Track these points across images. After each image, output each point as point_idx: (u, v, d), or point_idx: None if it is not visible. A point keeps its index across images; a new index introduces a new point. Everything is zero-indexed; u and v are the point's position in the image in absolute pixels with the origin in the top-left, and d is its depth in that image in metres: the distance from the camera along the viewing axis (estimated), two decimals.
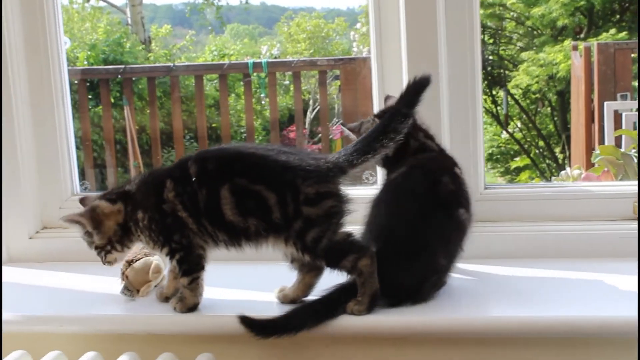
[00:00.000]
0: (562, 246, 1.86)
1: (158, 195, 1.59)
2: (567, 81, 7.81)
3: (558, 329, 1.52)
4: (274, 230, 1.55)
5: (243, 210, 1.55)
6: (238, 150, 1.65)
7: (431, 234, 1.59)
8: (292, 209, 1.53)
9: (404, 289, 1.58)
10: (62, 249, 2.03)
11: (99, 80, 6.02)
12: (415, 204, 1.60)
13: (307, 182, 1.53)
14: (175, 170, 1.62)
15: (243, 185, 1.55)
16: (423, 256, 1.58)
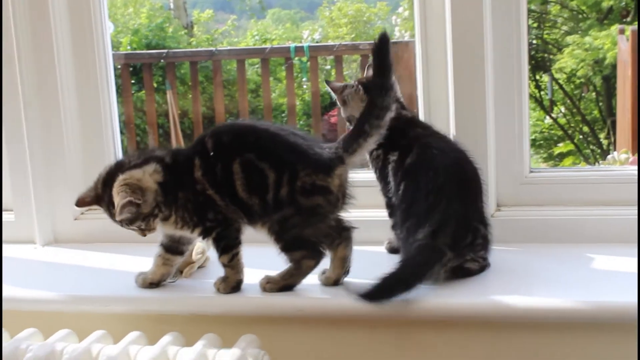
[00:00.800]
0: (609, 231, 1.83)
1: (190, 174, 1.60)
2: (613, 66, 7.69)
3: (606, 314, 1.50)
4: (265, 212, 1.58)
5: (249, 186, 1.57)
6: (252, 125, 1.66)
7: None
8: (286, 192, 1.55)
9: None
10: (106, 230, 2.04)
11: (142, 65, 6.08)
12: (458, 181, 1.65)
13: (307, 170, 1.55)
14: (197, 146, 1.63)
15: (251, 160, 1.57)
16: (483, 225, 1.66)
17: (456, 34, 1.84)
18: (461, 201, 1.63)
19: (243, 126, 1.68)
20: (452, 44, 1.85)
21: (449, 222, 1.60)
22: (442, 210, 1.60)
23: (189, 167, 1.60)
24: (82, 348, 1.52)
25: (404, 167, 1.68)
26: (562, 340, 1.55)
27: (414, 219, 1.62)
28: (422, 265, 1.54)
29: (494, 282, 1.63)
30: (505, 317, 1.55)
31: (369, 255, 1.80)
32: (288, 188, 1.55)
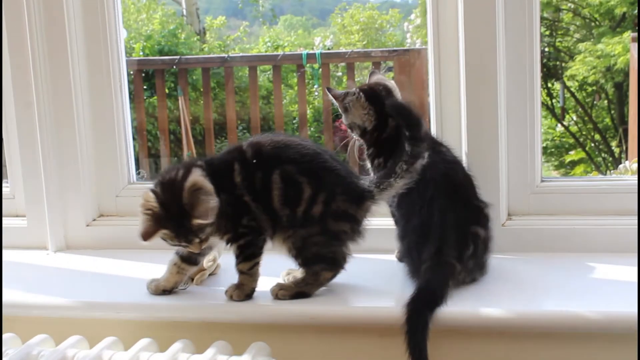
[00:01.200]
0: (621, 241, 1.82)
1: (231, 179, 1.61)
2: (625, 73, 7.67)
3: (616, 324, 1.49)
4: (292, 225, 1.60)
5: (285, 198, 1.59)
6: (290, 139, 1.67)
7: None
8: (319, 211, 1.58)
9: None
10: (118, 237, 2.06)
11: (154, 71, 6.09)
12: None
13: (343, 196, 1.60)
14: (235, 152, 1.65)
15: (291, 172, 1.59)
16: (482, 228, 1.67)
17: (469, 42, 1.84)
18: (454, 211, 1.64)
19: (285, 139, 1.68)
20: (465, 52, 1.85)
21: (449, 235, 1.61)
22: (439, 224, 1.61)
23: (229, 171, 1.62)
24: (94, 354, 1.53)
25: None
26: (573, 350, 1.55)
27: (412, 235, 1.65)
28: (440, 288, 1.55)
29: (504, 291, 1.63)
30: (516, 327, 1.54)
31: (376, 263, 1.84)
32: (322, 208, 1.59)
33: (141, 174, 2.29)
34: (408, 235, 1.67)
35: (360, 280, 1.73)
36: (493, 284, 1.65)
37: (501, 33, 1.83)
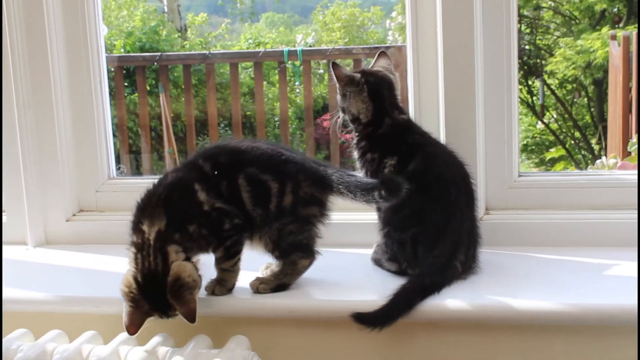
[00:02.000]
0: (597, 235, 1.85)
1: (195, 202, 1.59)
2: (604, 70, 7.72)
3: (592, 317, 1.51)
4: (265, 222, 1.61)
5: (255, 199, 1.61)
6: (242, 144, 1.68)
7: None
8: (290, 201, 1.61)
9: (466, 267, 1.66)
10: (98, 232, 2.07)
11: (135, 68, 6.07)
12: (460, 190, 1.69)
13: (307, 181, 1.62)
14: (192, 173, 1.62)
15: (254, 173, 1.61)
16: (474, 232, 1.70)
17: (447, 40, 1.86)
18: (469, 217, 1.69)
19: (236, 145, 1.69)
20: (443, 49, 1.86)
21: (463, 239, 1.65)
22: (457, 227, 1.64)
23: (190, 196, 1.59)
24: (73, 348, 1.53)
25: (407, 172, 1.69)
26: (549, 342, 1.56)
27: (424, 228, 1.66)
28: (439, 286, 1.58)
29: (483, 284, 1.64)
30: (494, 319, 1.55)
31: (355, 257, 1.86)
32: (292, 197, 1.61)
33: (121, 169, 2.28)
34: (418, 227, 1.67)
35: (340, 274, 1.75)
36: (471, 278, 1.67)
37: (479, 30, 1.85)
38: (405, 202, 1.65)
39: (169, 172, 1.65)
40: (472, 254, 1.69)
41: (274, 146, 1.69)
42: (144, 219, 1.56)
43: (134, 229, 1.57)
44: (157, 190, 1.60)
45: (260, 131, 5.74)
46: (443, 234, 1.63)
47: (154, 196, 1.59)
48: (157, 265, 1.52)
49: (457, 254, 1.63)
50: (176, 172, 1.64)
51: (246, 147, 1.66)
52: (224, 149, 1.67)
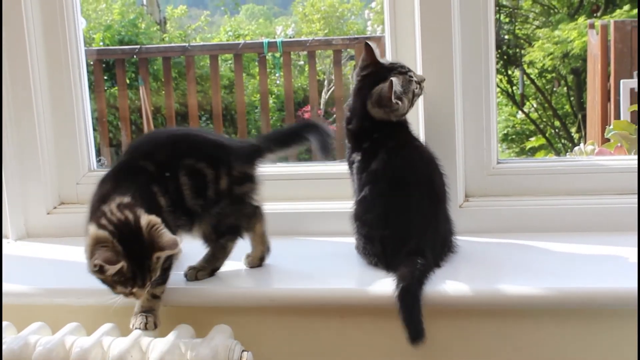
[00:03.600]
0: (575, 220, 1.87)
1: (157, 204, 1.56)
2: (583, 59, 7.77)
3: (571, 300, 1.53)
4: (206, 210, 1.63)
5: (195, 190, 1.61)
6: (169, 134, 1.70)
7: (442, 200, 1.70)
8: (226, 184, 1.63)
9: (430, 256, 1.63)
10: (79, 224, 2.03)
11: (115, 61, 6.06)
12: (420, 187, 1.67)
13: (238, 161, 1.64)
14: (146, 176, 1.58)
15: (191, 164, 1.61)
16: (442, 223, 1.70)
17: (425, 29, 1.86)
18: (436, 214, 1.68)
19: (166, 137, 1.69)
20: (421, 39, 1.87)
21: (429, 240, 1.64)
22: (423, 228, 1.64)
23: (153, 198, 1.57)
24: (56, 340, 1.53)
25: (369, 171, 1.69)
26: (531, 327, 1.58)
27: (391, 230, 1.65)
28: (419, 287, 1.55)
29: (462, 271, 1.66)
30: (474, 305, 1.57)
31: (335, 245, 1.87)
32: (227, 180, 1.63)
33: (102, 162, 2.28)
34: (382, 228, 1.66)
35: (320, 262, 1.76)
36: (451, 264, 1.68)
37: (457, 18, 1.86)
38: (371, 202, 1.68)
39: (112, 179, 1.60)
40: (444, 245, 1.70)
41: (199, 131, 1.74)
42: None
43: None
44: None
45: (241, 123, 5.74)
46: (408, 235, 1.63)
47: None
48: (129, 218, 1.47)
49: (425, 251, 1.62)
50: (126, 177, 1.59)
51: (176, 138, 1.67)
52: (156, 144, 1.66)
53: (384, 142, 1.70)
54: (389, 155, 1.67)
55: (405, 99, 1.69)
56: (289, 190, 2.04)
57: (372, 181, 1.68)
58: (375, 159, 1.68)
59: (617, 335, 1.55)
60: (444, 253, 1.69)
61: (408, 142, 1.73)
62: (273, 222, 1.96)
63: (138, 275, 1.46)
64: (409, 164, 1.68)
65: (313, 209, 1.99)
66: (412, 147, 1.72)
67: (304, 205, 2.02)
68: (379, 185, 1.67)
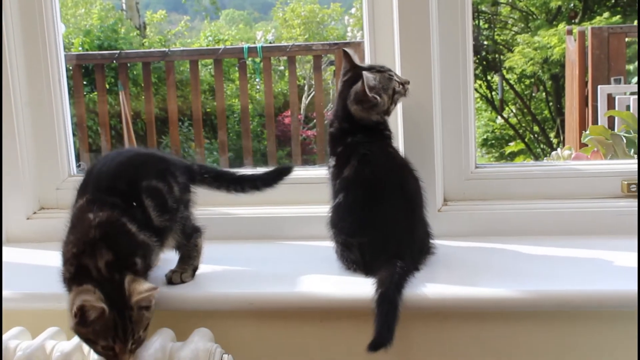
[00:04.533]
0: (552, 223, 1.89)
1: (132, 236, 1.56)
2: (562, 65, 7.84)
3: (548, 302, 1.54)
4: (172, 220, 1.66)
5: (159, 208, 1.63)
6: (119, 161, 1.68)
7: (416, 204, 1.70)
8: (178, 191, 1.68)
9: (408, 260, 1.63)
10: (59, 229, 2.05)
11: (94, 66, 6.04)
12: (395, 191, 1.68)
13: (178, 171, 1.71)
14: (118, 211, 1.56)
15: (149, 186, 1.63)
16: (419, 227, 1.70)
17: (403, 35, 1.88)
18: (411, 219, 1.68)
19: (116, 165, 1.67)
20: (400, 44, 1.88)
21: (407, 244, 1.65)
22: (400, 234, 1.65)
23: (123, 229, 1.56)
24: (36, 344, 1.53)
25: (342, 177, 1.70)
26: (509, 329, 1.59)
27: (365, 238, 1.65)
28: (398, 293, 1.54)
29: (440, 274, 1.67)
30: (452, 308, 1.58)
31: (313, 250, 1.89)
32: (177, 188, 1.68)
33: (82, 167, 2.28)
34: (358, 235, 1.66)
35: (300, 266, 1.77)
36: (430, 267, 1.69)
37: (435, 24, 1.88)
38: (345, 209, 1.68)
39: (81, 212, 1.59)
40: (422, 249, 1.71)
41: (138, 151, 1.82)
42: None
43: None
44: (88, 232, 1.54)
45: (221, 128, 5.74)
46: (386, 241, 1.64)
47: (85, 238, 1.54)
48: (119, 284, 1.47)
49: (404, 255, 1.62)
50: (95, 212, 1.56)
51: (125, 164, 1.68)
52: (113, 176, 1.64)
53: (356, 148, 1.70)
54: (360, 162, 1.68)
55: (384, 95, 1.70)
56: (269, 195, 2.04)
57: (346, 188, 1.69)
58: (347, 165, 1.69)
59: (595, 337, 1.57)
60: (423, 257, 1.70)
61: (380, 148, 1.72)
62: (252, 226, 1.97)
63: (119, 326, 1.44)
64: (379, 170, 1.68)
65: (292, 213, 2.00)
66: (383, 154, 1.71)
67: (283, 209, 2.03)
68: (352, 192, 1.68)
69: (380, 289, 1.53)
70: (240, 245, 1.96)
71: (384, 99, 1.71)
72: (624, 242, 1.78)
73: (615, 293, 1.52)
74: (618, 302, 1.52)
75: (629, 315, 1.53)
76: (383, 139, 1.74)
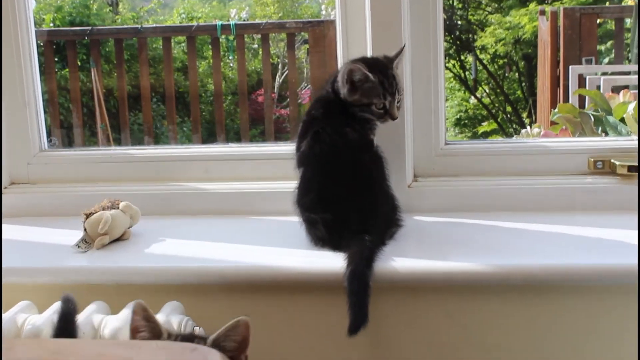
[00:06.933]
0: (521, 199, 1.92)
1: None
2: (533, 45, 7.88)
3: (516, 276, 1.57)
4: None
5: None
6: None
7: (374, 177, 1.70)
8: None
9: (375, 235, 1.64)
10: (30, 204, 2.06)
11: (66, 42, 5.97)
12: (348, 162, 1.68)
13: None
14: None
15: None
16: (383, 202, 1.71)
17: (375, 13, 1.88)
18: (373, 195, 1.69)
19: None
20: (371, 22, 1.89)
21: (371, 220, 1.66)
22: (362, 209, 1.66)
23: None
24: (8, 318, 1.53)
25: (300, 152, 1.72)
26: (477, 303, 1.62)
27: (327, 214, 1.67)
28: (368, 269, 1.55)
29: (411, 248, 1.69)
30: (421, 281, 1.60)
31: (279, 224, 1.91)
32: None
33: (52, 142, 2.27)
34: (320, 210, 1.68)
35: (270, 240, 1.78)
36: (399, 242, 1.71)
37: (406, 3, 1.89)
38: (305, 185, 1.70)
39: None
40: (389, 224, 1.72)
41: None
42: None
43: None
44: None
45: (194, 106, 5.71)
46: (348, 216, 1.65)
47: None
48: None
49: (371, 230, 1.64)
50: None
51: None
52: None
53: (312, 123, 1.72)
54: (313, 138, 1.69)
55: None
56: (241, 171, 2.06)
57: (304, 164, 1.71)
58: (304, 139, 1.71)
59: (563, 311, 1.60)
60: (391, 230, 1.72)
61: (335, 125, 1.71)
62: (224, 202, 1.98)
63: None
64: (331, 147, 1.68)
65: (263, 188, 2.02)
66: (336, 132, 1.70)
67: (255, 185, 2.04)
68: (310, 168, 1.70)
69: (351, 265, 1.55)
70: (212, 220, 1.97)
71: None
72: (590, 217, 1.82)
73: (582, 267, 1.55)
74: (586, 276, 1.55)
75: (596, 289, 1.56)
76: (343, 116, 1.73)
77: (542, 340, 1.61)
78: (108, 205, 1.81)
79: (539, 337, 1.61)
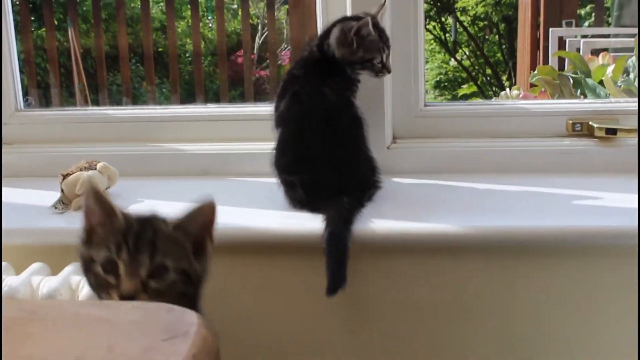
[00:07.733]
0: (499, 161, 1.93)
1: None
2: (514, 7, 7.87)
3: (493, 237, 1.58)
4: None
5: None
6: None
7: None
8: None
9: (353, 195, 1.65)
10: (6, 165, 2.03)
11: (42, 1, 5.89)
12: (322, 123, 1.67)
13: None
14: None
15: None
16: (361, 164, 1.70)
17: None
18: (351, 157, 1.69)
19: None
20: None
21: (349, 181, 1.66)
22: (339, 170, 1.65)
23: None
24: None
25: (278, 112, 1.71)
26: (456, 264, 1.63)
27: (304, 175, 1.67)
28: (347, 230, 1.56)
29: (389, 209, 1.69)
30: (400, 243, 1.61)
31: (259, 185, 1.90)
32: None
33: (29, 102, 2.25)
34: (297, 172, 1.68)
35: (247, 202, 1.78)
36: (378, 204, 1.71)
37: None
38: (282, 146, 1.69)
39: None
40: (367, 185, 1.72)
41: None
42: None
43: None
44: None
45: (173, 67, 5.66)
46: (325, 178, 1.65)
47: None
48: None
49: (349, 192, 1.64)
50: None
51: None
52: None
53: (292, 82, 1.72)
54: (292, 99, 1.68)
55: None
56: (218, 131, 2.05)
57: (281, 124, 1.70)
58: (283, 99, 1.70)
59: (539, 272, 1.61)
60: (369, 193, 1.71)
61: (314, 85, 1.70)
62: (203, 162, 1.97)
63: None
64: (309, 108, 1.67)
65: (241, 149, 2.01)
66: (315, 91, 1.69)
67: (231, 146, 2.03)
68: (286, 129, 1.69)
69: (329, 227, 1.55)
70: (190, 182, 1.96)
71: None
72: (568, 179, 1.83)
73: (559, 229, 1.56)
74: (562, 237, 1.56)
75: (573, 250, 1.58)
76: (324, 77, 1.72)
77: (518, 302, 1.62)
78: (85, 166, 1.79)
79: (515, 299, 1.62)
